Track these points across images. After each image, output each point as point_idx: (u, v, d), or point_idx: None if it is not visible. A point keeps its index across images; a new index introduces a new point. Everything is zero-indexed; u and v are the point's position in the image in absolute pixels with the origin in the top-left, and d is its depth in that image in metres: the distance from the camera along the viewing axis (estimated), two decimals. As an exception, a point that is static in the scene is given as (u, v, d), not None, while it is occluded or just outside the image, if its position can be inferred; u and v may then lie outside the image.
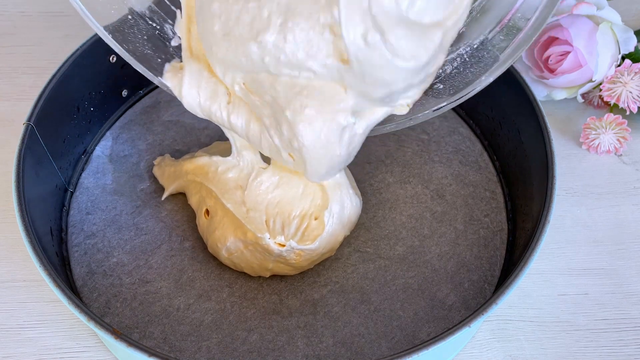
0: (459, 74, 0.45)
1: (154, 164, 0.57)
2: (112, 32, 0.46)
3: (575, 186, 0.58)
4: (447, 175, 0.56)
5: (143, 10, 0.48)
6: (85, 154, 0.58)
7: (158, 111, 0.61)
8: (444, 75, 0.45)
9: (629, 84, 0.58)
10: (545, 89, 0.62)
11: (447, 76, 0.45)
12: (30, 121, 0.49)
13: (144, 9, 0.48)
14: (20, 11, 0.73)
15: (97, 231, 0.53)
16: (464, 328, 0.39)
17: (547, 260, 0.53)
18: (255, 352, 0.46)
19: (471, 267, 0.51)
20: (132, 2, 0.47)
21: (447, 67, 0.45)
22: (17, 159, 0.47)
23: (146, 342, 0.47)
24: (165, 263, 0.51)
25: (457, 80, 0.45)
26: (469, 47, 0.45)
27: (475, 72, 0.44)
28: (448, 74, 0.45)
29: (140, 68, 0.48)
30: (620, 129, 0.59)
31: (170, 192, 0.55)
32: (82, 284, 0.50)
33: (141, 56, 0.47)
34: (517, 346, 0.48)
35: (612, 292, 0.51)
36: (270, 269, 0.49)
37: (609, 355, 0.48)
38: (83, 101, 0.56)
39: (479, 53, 0.45)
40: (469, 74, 0.45)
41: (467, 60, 0.45)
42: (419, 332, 0.47)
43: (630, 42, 0.59)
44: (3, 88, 0.65)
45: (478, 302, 0.49)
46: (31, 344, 0.48)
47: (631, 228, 0.55)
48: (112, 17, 0.46)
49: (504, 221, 0.54)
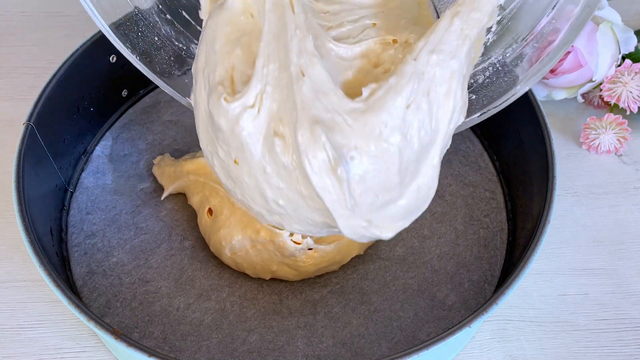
0: (492, 84, 0.44)
1: (154, 164, 0.57)
2: (140, 55, 0.48)
3: (575, 186, 0.58)
4: (447, 176, 0.56)
5: (169, 32, 0.49)
6: (85, 154, 0.58)
7: (158, 111, 0.61)
8: (476, 85, 0.44)
9: (629, 84, 0.58)
10: (546, 89, 0.62)
11: (479, 86, 0.45)
12: (30, 121, 0.49)
13: (171, 32, 0.49)
14: (20, 11, 0.73)
15: (97, 231, 0.53)
16: (464, 328, 0.39)
17: (547, 260, 0.53)
18: (255, 352, 0.46)
19: (471, 268, 0.51)
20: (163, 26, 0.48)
21: (479, 77, 0.45)
22: (17, 159, 0.47)
23: (146, 342, 0.47)
24: (165, 262, 0.51)
25: (491, 90, 0.44)
26: (502, 56, 0.44)
27: (510, 80, 0.43)
28: (480, 83, 0.45)
29: (173, 93, 0.49)
30: (621, 129, 0.59)
31: (169, 192, 0.55)
32: (82, 284, 0.50)
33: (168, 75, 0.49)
34: (517, 346, 0.48)
35: (612, 292, 0.51)
36: (273, 272, 0.49)
37: (609, 355, 0.48)
38: (83, 101, 0.56)
39: (513, 62, 0.44)
40: (502, 84, 0.44)
41: (499, 69, 0.44)
42: (419, 333, 0.47)
43: (631, 42, 0.59)
44: (3, 88, 0.65)
45: (478, 302, 0.49)
46: (31, 344, 0.48)
47: (631, 228, 0.55)
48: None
49: (504, 221, 0.54)
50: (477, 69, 0.44)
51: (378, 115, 0.36)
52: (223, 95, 0.39)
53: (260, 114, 0.38)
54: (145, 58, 0.48)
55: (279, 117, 0.38)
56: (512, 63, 0.44)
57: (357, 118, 0.36)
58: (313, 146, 0.36)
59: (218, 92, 0.39)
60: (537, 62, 0.42)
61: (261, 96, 0.38)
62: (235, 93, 0.39)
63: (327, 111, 0.36)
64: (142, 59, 0.48)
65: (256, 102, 0.38)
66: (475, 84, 0.44)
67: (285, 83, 0.37)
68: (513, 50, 0.44)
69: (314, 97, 0.36)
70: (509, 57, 0.44)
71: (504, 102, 0.43)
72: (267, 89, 0.38)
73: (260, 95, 0.38)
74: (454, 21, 0.37)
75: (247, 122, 0.38)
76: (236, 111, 0.38)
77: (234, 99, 0.38)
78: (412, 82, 0.36)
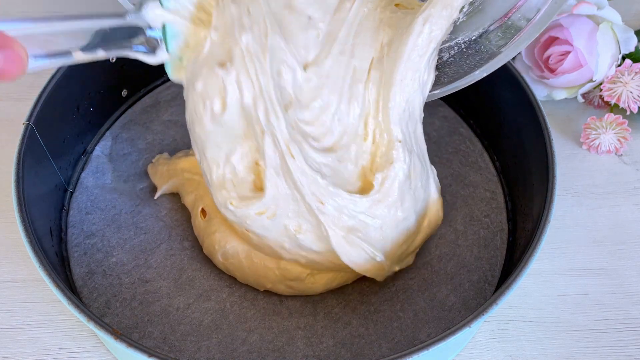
0: (455, 63, 0.46)
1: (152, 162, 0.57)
2: None
3: (575, 186, 0.58)
4: (447, 176, 0.56)
5: None
6: (85, 154, 0.57)
7: (158, 111, 0.61)
8: (440, 62, 0.45)
9: (630, 84, 0.58)
10: (546, 89, 0.62)
11: (443, 63, 0.46)
12: (30, 121, 0.49)
13: None
14: (20, 11, 0.73)
15: (97, 231, 0.53)
16: (464, 328, 0.39)
17: (548, 260, 0.53)
18: (255, 353, 0.46)
19: (471, 268, 0.51)
20: None
21: (444, 55, 0.46)
22: (17, 159, 0.47)
23: (146, 342, 0.47)
24: (165, 262, 0.51)
25: (452, 70, 0.46)
26: (468, 37, 0.45)
27: (471, 64, 0.45)
28: (444, 61, 0.46)
29: None
30: (621, 129, 0.59)
31: (163, 192, 0.54)
32: (81, 284, 0.50)
33: None
34: (517, 346, 0.48)
35: (612, 292, 0.51)
36: (267, 288, 0.49)
37: (609, 355, 0.48)
38: (83, 101, 0.56)
39: (477, 45, 0.45)
40: (464, 65, 0.45)
41: (464, 50, 0.46)
42: (419, 333, 0.47)
43: (631, 42, 0.59)
44: (3, 88, 0.65)
45: (478, 302, 0.49)
46: (31, 344, 0.48)
47: (631, 228, 0.55)
48: None
49: (504, 221, 0.54)
50: (444, 46, 0.46)
51: (391, 196, 0.44)
52: (229, 200, 0.44)
53: (276, 218, 0.44)
54: None
55: (297, 223, 0.44)
56: (477, 46, 0.45)
57: (377, 207, 0.44)
58: (353, 249, 0.44)
59: (223, 196, 0.45)
60: (506, 46, 0.44)
61: (275, 212, 0.44)
62: (240, 195, 0.45)
63: (353, 217, 0.43)
64: None
65: (268, 211, 0.44)
66: (439, 61, 0.45)
67: (301, 209, 0.44)
68: (480, 34, 0.45)
69: (338, 214, 0.43)
70: (474, 40, 0.45)
71: (464, 83, 0.46)
72: (280, 205, 0.44)
73: (274, 211, 0.44)
74: (424, 29, 0.41)
75: (262, 220, 0.44)
76: (248, 212, 0.44)
77: (243, 206, 0.44)
78: (406, 158, 0.44)
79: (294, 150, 0.42)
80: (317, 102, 0.43)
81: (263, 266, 0.48)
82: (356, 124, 0.44)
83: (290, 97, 0.43)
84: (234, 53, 0.41)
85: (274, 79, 0.42)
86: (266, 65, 0.41)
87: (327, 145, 0.44)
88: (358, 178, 0.45)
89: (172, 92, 0.62)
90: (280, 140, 0.42)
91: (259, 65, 0.41)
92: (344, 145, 0.44)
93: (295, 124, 0.43)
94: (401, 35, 0.42)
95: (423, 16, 0.41)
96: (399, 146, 0.44)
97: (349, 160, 0.44)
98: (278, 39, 0.42)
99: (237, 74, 0.41)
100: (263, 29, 0.41)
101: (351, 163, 0.44)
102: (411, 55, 0.42)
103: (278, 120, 0.42)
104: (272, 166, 0.43)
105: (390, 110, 0.43)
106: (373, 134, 0.44)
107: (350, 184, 0.44)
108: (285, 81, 0.42)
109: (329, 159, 0.44)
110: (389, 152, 0.44)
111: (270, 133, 0.42)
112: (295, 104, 0.43)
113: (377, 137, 0.45)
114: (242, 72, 0.41)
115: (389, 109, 0.43)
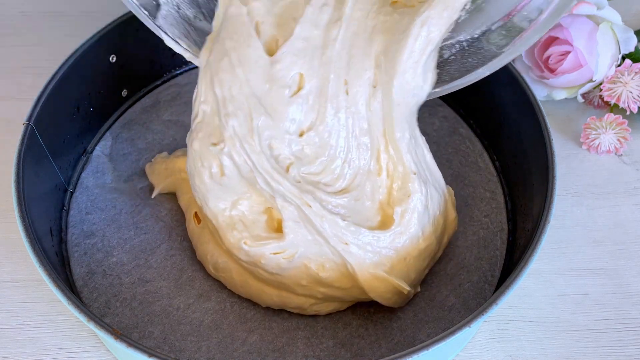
0: (456, 62, 0.46)
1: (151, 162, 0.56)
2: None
3: (575, 186, 0.58)
4: (447, 176, 0.56)
5: None
6: (85, 154, 0.57)
7: (158, 111, 0.61)
8: (441, 60, 0.45)
9: (629, 84, 0.58)
10: (546, 89, 0.62)
11: (444, 61, 0.45)
12: (30, 121, 0.49)
13: None
14: (21, 11, 0.73)
15: (97, 231, 0.53)
16: (464, 328, 0.39)
17: (547, 260, 0.53)
18: (255, 353, 0.46)
19: (471, 268, 0.51)
20: None
21: (445, 53, 0.46)
22: (17, 159, 0.47)
23: (146, 342, 0.47)
24: (165, 262, 0.51)
25: (454, 68, 0.46)
26: (470, 36, 0.45)
27: (473, 63, 0.45)
28: (445, 59, 0.46)
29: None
30: (621, 129, 0.59)
31: (160, 191, 0.54)
32: (82, 284, 0.50)
33: None
34: (517, 346, 0.48)
35: (612, 292, 0.51)
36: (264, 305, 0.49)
37: (609, 355, 0.48)
38: (83, 101, 0.56)
39: (479, 44, 0.45)
40: (466, 64, 0.45)
41: (466, 48, 0.45)
42: (419, 333, 0.47)
43: (631, 42, 0.59)
44: (3, 88, 0.65)
45: (478, 302, 0.49)
46: (31, 344, 0.48)
47: (631, 228, 0.55)
48: None
49: (504, 221, 0.54)
50: (445, 43, 0.45)
51: (412, 227, 0.44)
52: (243, 240, 0.45)
53: (296, 259, 0.44)
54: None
55: (319, 262, 0.45)
56: (479, 44, 0.45)
57: (400, 239, 0.44)
58: (381, 284, 0.44)
59: (235, 237, 0.45)
60: (508, 46, 0.43)
61: (293, 254, 0.44)
62: (254, 235, 0.45)
63: (377, 253, 0.44)
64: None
65: (286, 253, 0.44)
66: (440, 59, 0.45)
67: (324, 250, 0.44)
68: (482, 32, 0.45)
69: (363, 252, 0.44)
70: (477, 39, 0.45)
71: (465, 82, 0.45)
72: (300, 247, 0.44)
73: (293, 253, 0.44)
74: (421, 32, 0.41)
75: (277, 260, 0.44)
76: (263, 252, 0.44)
77: (258, 245, 0.44)
78: (422, 189, 0.45)
79: (308, 200, 0.43)
80: (321, 158, 0.44)
81: (259, 290, 0.48)
82: (367, 162, 0.45)
83: (290, 160, 0.44)
84: (224, 135, 0.43)
85: (265, 154, 0.43)
86: (255, 146, 0.43)
87: (340, 187, 0.44)
88: (377, 213, 0.45)
89: (172, 92, 0.62)
90: (290, 196, 0.43)
91: (249, 147, 0.43)
92: (358, 185, 0.44)
93: (302, 178, 0.44)
94: (397, 43, 0.41)
95: (421, 19, 0.40)
96: (415, 178, 0.44)
97: (365, 197, 0.45)
98: (264, 119, 0.43)
99: (229, 151, 0.43)
100: (247, 111, 0.42)
101: (368, 199, 0.45)
102: (406, 68, 0.41)
103: (281, 184, 0.43)
104: (290, 219, 0.43)
105: (398, 142, 0.44)
106: (387, 168, 0.45)
107: (370, 220, 0.45)
108: (279, 151, 0.43)
109: (345, 200, 0.44)
110: (405, 185, 0.44)
111: (279, 194, 0.43)
112: (297, 163, 0.44)
113: (392, 170, 0.45)
114: (234, 151, 0.43)
115: (396, 141, 0.44)
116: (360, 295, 0.46)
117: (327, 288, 0.45)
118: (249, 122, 0.42)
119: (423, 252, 0.46)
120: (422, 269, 0.47)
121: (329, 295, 0.46)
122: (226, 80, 0.42)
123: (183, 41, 0.48)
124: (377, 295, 0.45)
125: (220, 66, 0.43)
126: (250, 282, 0.48)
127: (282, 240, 0.44)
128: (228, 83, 0.42)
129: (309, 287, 0.45)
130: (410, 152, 0.44)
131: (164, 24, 0.48)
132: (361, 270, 0.44)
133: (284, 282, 0.45)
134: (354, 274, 0.44)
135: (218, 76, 0.43)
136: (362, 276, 0.44)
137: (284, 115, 0.43)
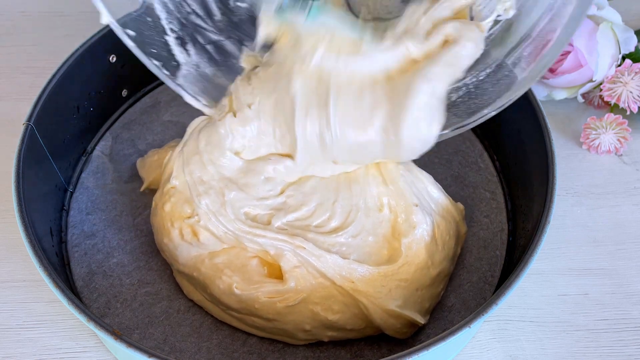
0: (464, 104, 0.45)
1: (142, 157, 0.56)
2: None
3: (575, 186, 0.58)
4: (447, 177, 0.56)
5: None
6: (85, 154, 0.57)
7: (158, 111, 0.61)
8: (449, 103, 0.44)
9: (630, 84, 0.58)
10: (546, 89, 0.62)
11: (451, 104, 0.45)
12: (30, 121, 0.49)
13: None
14: (21, 11, 0.73)
15: (97, 231, 0.53)
16: (464, 328, 0.39)
17: (547, 260, 0.53)
18: (255, 354, 0.46)
19: (471, 269, 0.51)
20: None
21: (453, 96, 0.45)
22: (17, 159, 0.47)
23: (146, 342, 0.47)
24: (166, 265, 0.51)
25: (461, 110, 0.45)
26: (475, 78, 0.45)
27: (480, 103, 0.45)
28: (453, 101, 0.45)
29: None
30: (621, 129, 0.59)
31: (149, 185, 0.54)
32: (82, 285, 0.50)
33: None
34: (517, 346, 0.48)
35: (612, 292, 0.51)
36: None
37: (609, 355, 0.48)
38: (83, 101, 0.56)
39: (484, 85, 0.45)
40: (472, 105, 0.45)
41: (472, 90, 0.45)
42: (419, 333, 0.47)
43: (631, 42, 0.59)
44: (3, 88, 0.65)
45: (478, 302, 0.49)
46: (31, 344, 0.48)
47: (631, 228, 0.55)
48: None
49: (504, 222, 0.54)
50: (451, 87, 0.44)
51: (420, 257, 0.44)
52: (233, 285, 0.44)
53: (299, 304, 0.44)
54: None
55: (327, 305, 0.44)
56: (486, 83, 0.45)
57: (409, 271, 0.44)
58: (396, 320, 0.44)
59: (224, 282, 0.44)
60: (508, 91, 0.43)
61: (296, 299, 0.43)
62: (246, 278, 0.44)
63: (388, 288, 0.43)
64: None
65: (288, 300, 0.43)
66: (447, 102, 0.44)
67: (332, 292, 0.43)
68: (487, 73, 0.45)
69: (373, 289, 0.43)
70: (483, 77, 0.45)
71: (491, 112, 0.45)
72: (304, 291, 0.43)
73: (296, 298, 0.43)
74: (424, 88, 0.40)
75: (275, 306, 0.44)
76: (257, 295, 0.44)
77: (252, 289, 0.44)
78: (427, 219, 0.45)
79: (299, 242, 0.43)
80: (307, 207, 0.44)
81: (235, 318, 0.47)
82: (359, 199, 0.45)
83: (269, 214, 0.44)
84: (198, 211, 0.44)
85: (241, 219, 0.43)
86: (229, 216, 0.43)
87: (332, 227, 0.44)
88: (382, 247, 0.44)
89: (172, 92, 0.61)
90: (280, 245, 0.43)
91: (223, 218, 0.43)
92: (351, 222, 0.44)
93: (287, 225, 0.44)
94: (400, 102, 0.41)
95: (424, 74, 0.40)
96: (417, 210, 0.44)
97: (365, 232, 0.44)
98: (235, 193, 0.44)
99: (205, 224, 0.44)
100: (218, 189, 0.44)
101: (369, 235, 0.44)
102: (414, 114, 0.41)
103: (265, 237, 0.43)
104: (288, 266, 0.43)
105: (394, 177, 0.44)
106: (388, 204, 0.45)
107: (375, 255, 0.44)
108: (255, 213, 0.44)
109: (341, 238, 0.44)
110: (409, 217, 0.44)
111: (268, 246, 0.43)
112: (281, 214, 0.44)
113: (394, 205, 0.45)
114: (210, 224, 0.44)
115: (392, 178, 0.44)
116: (372, 332, 0.45)
117: (337, 331, 0.45)
118: (221, 197, 0.44)
119: (436, 279, 0.45)
120: (436, 294, 0.47)
121: (338, 337, 0.45)
122: (196, 171, 0.45)
123: (202, 97, 0.49)
124: (394, 332, 0.45)
125: (192, 159, 0.45)
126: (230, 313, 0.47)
127: (284, 285, 0.43)
128: (198, 173, 0.45)
129: (313, 332, 0.45)
130: (409, 185, 0.45)
131: (183, 83, 0.49)
132: (374, 308, 0.43)
133: (283, 328, 0.45)
134: (369, 314, 0.43)
135: (189, 167, 0.45)
136: (375, 314, 0.43)
137: (258, 190, 0.44)
